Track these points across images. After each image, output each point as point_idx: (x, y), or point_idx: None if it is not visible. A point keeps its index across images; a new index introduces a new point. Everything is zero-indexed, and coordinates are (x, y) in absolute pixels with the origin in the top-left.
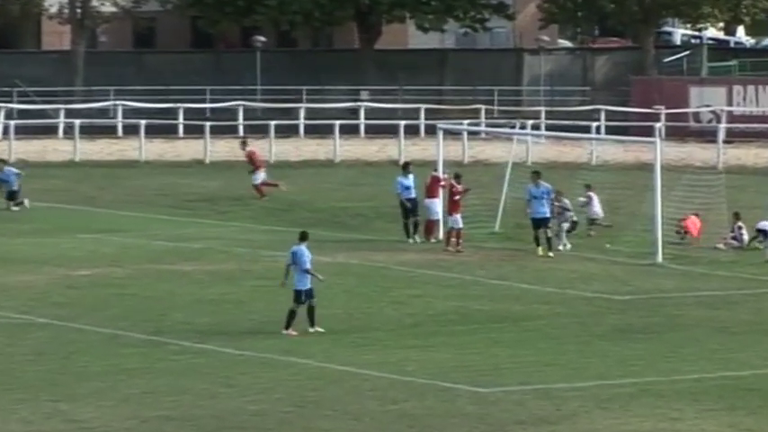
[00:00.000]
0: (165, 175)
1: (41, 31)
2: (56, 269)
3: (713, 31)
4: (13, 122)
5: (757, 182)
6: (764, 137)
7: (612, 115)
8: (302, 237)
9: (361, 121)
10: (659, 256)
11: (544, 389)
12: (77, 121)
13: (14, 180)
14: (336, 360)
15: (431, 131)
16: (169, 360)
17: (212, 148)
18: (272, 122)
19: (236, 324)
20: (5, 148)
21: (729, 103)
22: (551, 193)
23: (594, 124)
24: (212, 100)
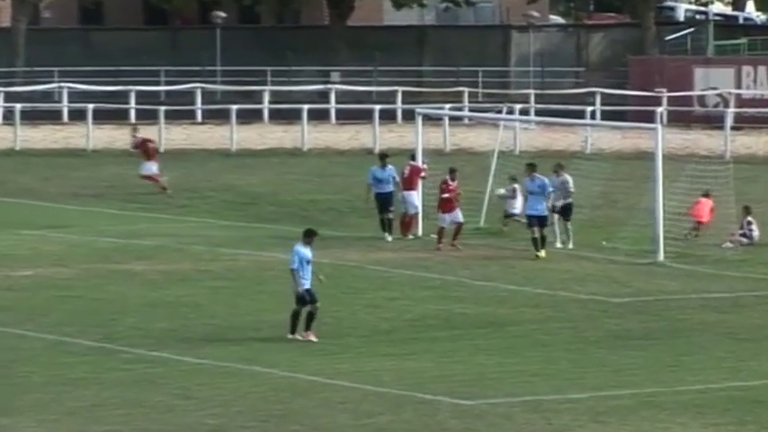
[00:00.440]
0: (115, 165)
1: None
2: None
3: (720, 6)
4: None
5: None
6: None
7: (609, 99)
8: (304, 234)
9: (332, 105)
10: (661, 254)
11: (533, 401)
12: (18, 106)
13: None
14: (304, 369)
15: (409, 117)
16: (120, 370)
17: (167, 135)
18: (234, 107)
19: (194, 330)
20: None
21: (738, 86)
22: (548, 187)
23: (589, 109)
24: (167, 82)
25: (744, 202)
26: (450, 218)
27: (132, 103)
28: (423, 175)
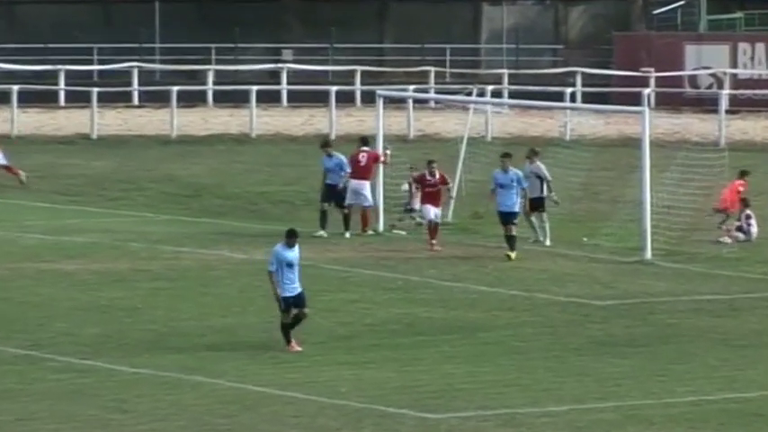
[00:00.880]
0: (42, 152)
1: None
2: None
3: None
4: None
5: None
6: None
7: (590, 79)
8: (285, 235)
9: (284, 86)
10: (648, 251)
11: (507, 414)
12: None
13: None
14: (253, 379)
15: (369, 99)
16: (49, 380)
17: (101, 120)
18: (174, 88)
19: (131, 336)
20: None
21: (734, 65)
22: (522, 181)
23: (569, 90)
24: (100, 61)
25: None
26: (434, 210)
27: (61, 85)
28: (383, 160)
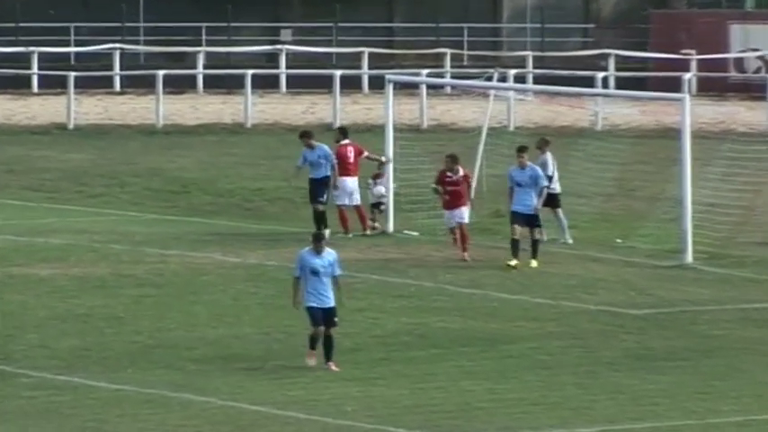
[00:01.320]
0: (14, 144)
1: None
2: None
3: None
4: None
5: None
6: None
7: (625, 63)
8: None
9: (282, 70)
10: (689, 255)
11: None
12: None
13: None
14: (249, 397)
15: (377, 85)
16: (20, 397)
17: (78, 108)
18: (160, 72)
19: (112, 348)
20: None
21: None
22: (542, 179)
23: (600, 75)
24: (78, 42)
25: None
26: (455, 214)
27: (34, 68)
28: (366, 155)
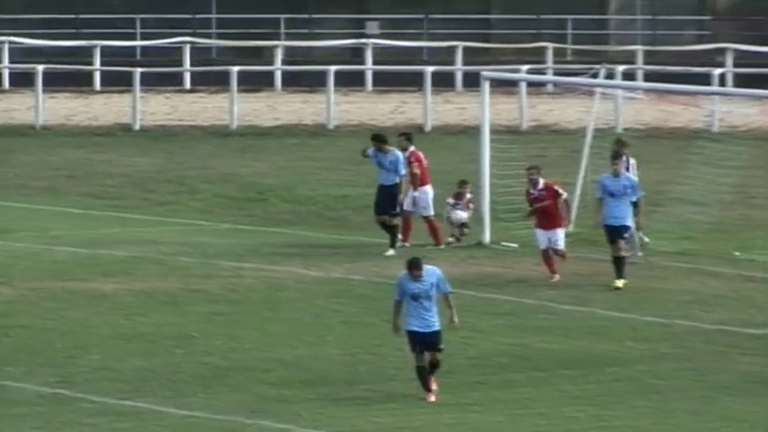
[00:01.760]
0: (73, 147)
1: None
2: None
3: None
4: None
5: None
6: None
7: (744, 58)
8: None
9: (368, 66)
10: None
11: None
12: None
13: None
14: (332, 424)
15: (472, 82)
16: (81, 424)
17: (145, 107)
18: (234, 69)
19: (182, 371)
20: None
21: None
22: (637, 190)
23: (717, 71)
24: (144, 36)
25: None
26: (547, 236)
27: (96, 64)
28: (421, 165)
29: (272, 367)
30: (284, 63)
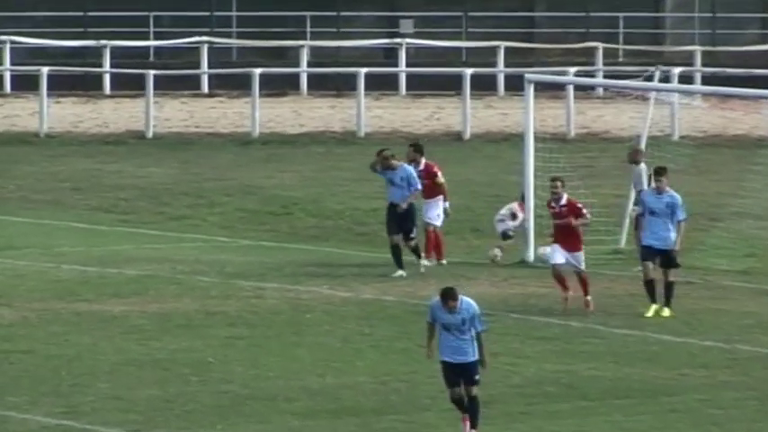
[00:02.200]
0: (80, 156)
1: None
2: None
3: None
4: None
5: None
6: None
7: None
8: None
9: (402, 68)
10: None
11: None
12: None
13: None
14: None
15: (515, 86)
16: None
17: (159, 113)
18: (257, 71)
19: (198, 400)
20: None
21: None
22: (680, 210)
23: None
24: (158, 35)
25: None
26: (567, 257)
27: (106, 66)
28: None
29: (297, 396)
30: (310, 65)
